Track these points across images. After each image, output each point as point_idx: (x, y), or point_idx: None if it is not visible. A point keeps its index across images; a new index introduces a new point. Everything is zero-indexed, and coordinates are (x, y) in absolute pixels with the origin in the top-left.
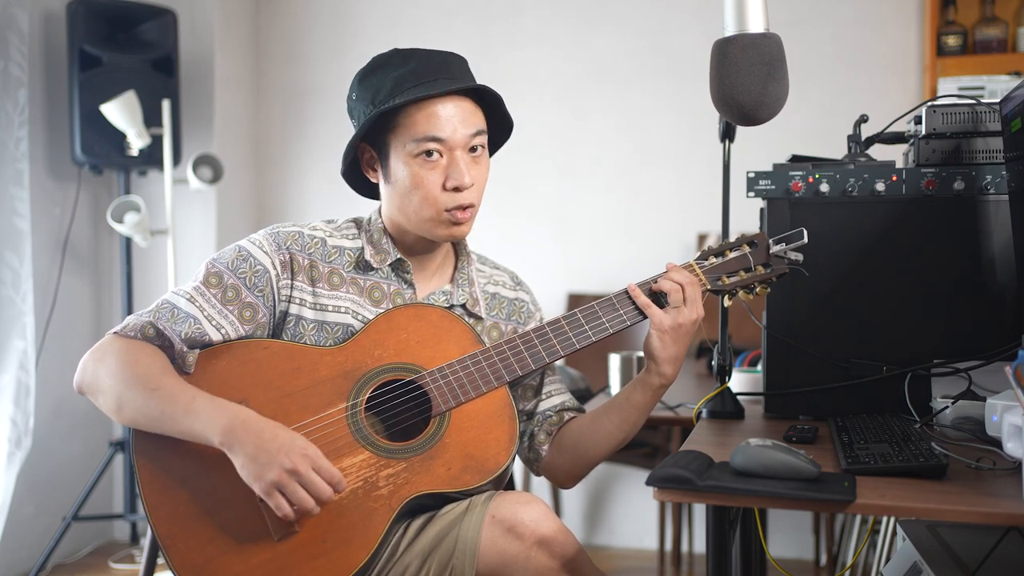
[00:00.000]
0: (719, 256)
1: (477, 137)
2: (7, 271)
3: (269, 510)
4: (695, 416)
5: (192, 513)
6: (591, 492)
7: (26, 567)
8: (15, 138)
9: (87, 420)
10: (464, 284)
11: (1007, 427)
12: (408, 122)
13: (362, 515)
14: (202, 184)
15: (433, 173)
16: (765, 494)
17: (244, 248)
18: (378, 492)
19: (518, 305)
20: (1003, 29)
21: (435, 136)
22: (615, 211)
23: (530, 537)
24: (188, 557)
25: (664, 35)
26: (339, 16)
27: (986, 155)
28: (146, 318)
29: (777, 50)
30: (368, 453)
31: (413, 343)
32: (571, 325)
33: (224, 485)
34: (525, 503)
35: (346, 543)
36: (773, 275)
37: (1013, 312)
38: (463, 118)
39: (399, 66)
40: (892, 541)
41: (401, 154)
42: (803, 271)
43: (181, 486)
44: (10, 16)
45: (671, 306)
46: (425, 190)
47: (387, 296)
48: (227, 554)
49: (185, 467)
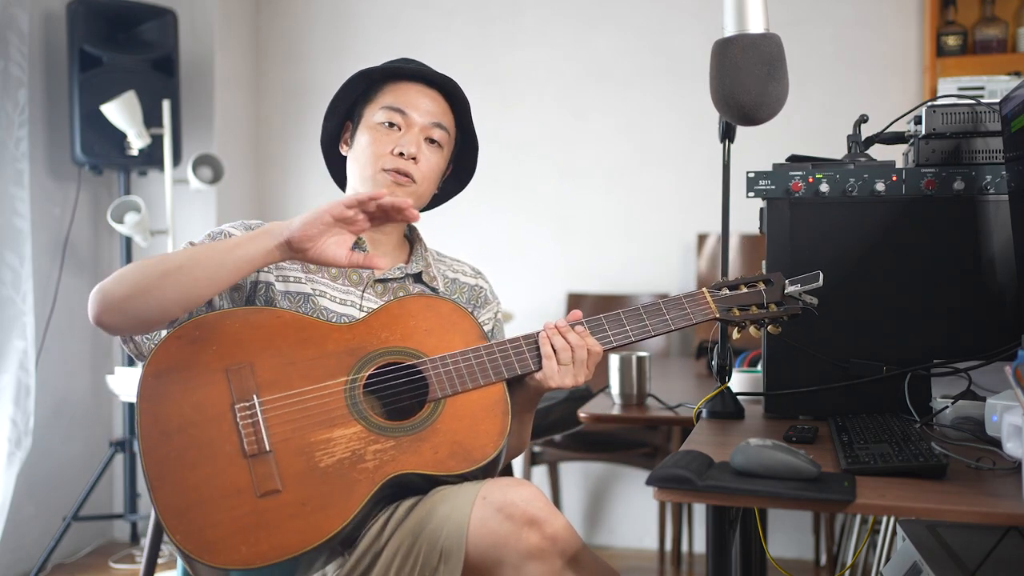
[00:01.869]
0: (733, 289)
1: (436, 130)
2: (7, 271)
3: (256, 466)
4: (695, 416)
5: (183, 460)
6: (591, 492)
7: (26, 567)
8: (15, 138)
9: (87, 420)
10: (419, 261)
11: (1007, 427)
12: (383, 95)
13: (345, 484)
14: (202, 184)
15: (387, 138)
16: (765, 494)
17: (213, 230)
18: (364, 465)
19: (477, 291)
20: (1003, 29)
21: (400, 108)
22: (615, 211)
23: (520, 517)
24: (172, 499)
25: (664, 35)
26: (339, 16)
27: (986, 155)
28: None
29: (777, 50)
30: (360, 427)
31: (421, 331)
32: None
33: (216, 440)
34: (516, 485)
35: (324, 508)
36: (785, 314)
37: (1013, 312)
38: (431, 108)
39: (397, 64)
40: (892, 541)
41: (369, 121)
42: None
43: (176, 434)
44: (10, 16)
45: (561, 363)
46: (373, 149)
47: (343, 272)
48: (209, 502)
49: (183, 417)
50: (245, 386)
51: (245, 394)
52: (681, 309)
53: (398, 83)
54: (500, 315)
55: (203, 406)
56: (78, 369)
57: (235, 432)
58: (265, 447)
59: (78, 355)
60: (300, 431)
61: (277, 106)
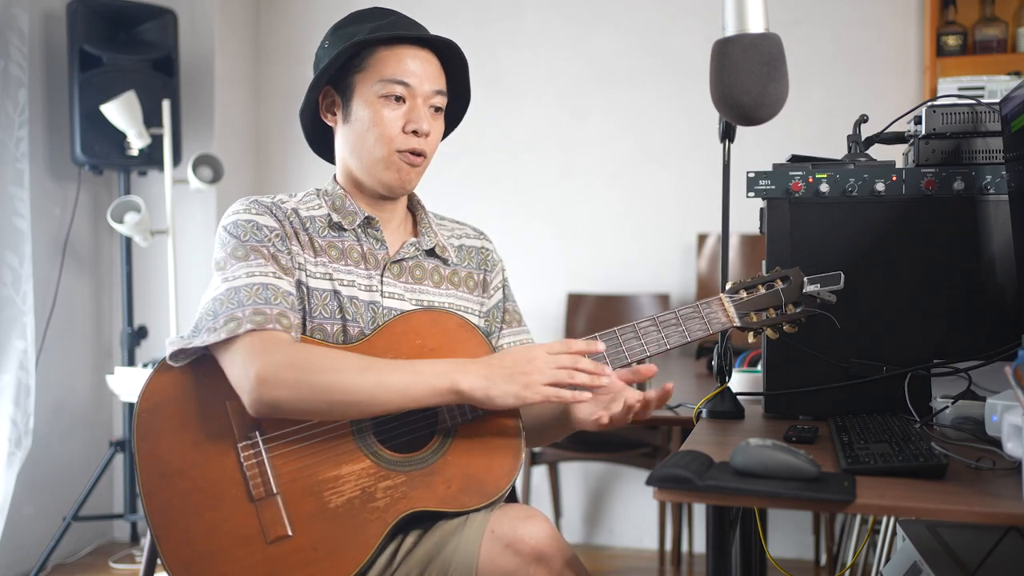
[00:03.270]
0: (750, 290)
1: (438, 97)
2: (7, 271)
3: (263, 511)
4: (695, 416)
5: (186, 506)
6: (591, 492)
7: (26, 567)
8: (15, 138)
9: (87, 420)
10: (427, 232)
11: (1007, 427)
12: (379, 64)
13: (356, 526)
14: (202, 184)
15: (395, 114)
16: (765, 494)
17: (239, 221)
18: (375, 504)
19: (484, 253)
20: (1003, 29)
21: (404, 81)
22: (615, 211)
23: (529, 554)
24: (179, 551)
25: (664, 35)
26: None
27: (986, 155)
28: (240, 316)
29: (777, 50)
30: (369, 462)
31: (427, 350)
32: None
33: (220, 483)
34: (525, 518)
35: (337, 553)
36: (803, 316)
37: (1013, 312)
38: (431, 74)
39: (377, 19)
40: (892, 541)
41: (366, 94)
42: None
43: (177, 476)
44: (10, 16)
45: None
46: (383, 128)
47: (363, 256)
48: (217, 552)
49: (184, 457)
50: (247, 420)
51: (248, 430)
52: (699, 319)
53: (392, 47)
54: (506, 274)
55: (204, 443)
56: (78, 369)
57: (239, 474)
58: (272, 489)
59: (78, 355)
60: (307, 469)
61: (277, 106)
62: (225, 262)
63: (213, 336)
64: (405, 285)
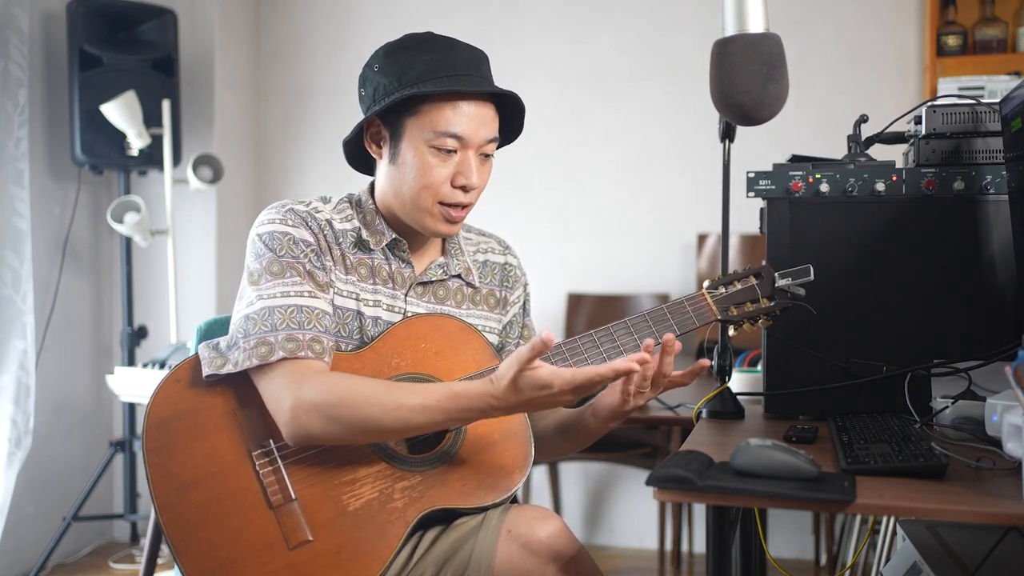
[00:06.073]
0: (728, 286)
1: (490, 144)
2: (7, 271)
3: (283, 517)
4: (695, 416)
5: (204, 516)
6: (591, 492)
7: (26, 567)
8: (15, 138)
9: (87, 420)
10: (457, 253)
11: (1007, 427)
12: (433, 112)
13: (376, 527)
14: (202, 184)
15: (444, 166)
16: (765, 494)
17: (275, 233)
18: (393, 504)
19: (508, 270)
20: (1003, 29)
21: (457, 134)
22: (615, 211)
23: (546, 554)
24: (200, 562)
25: (664, 35)
26: (339, 16)
27: (986, 155)
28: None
29: (777, 50)
30: (384, 464)
31: (431, 353)
32: (586, 346)
33: (237, 492)
34: (541, 519)
35: (360, 555)
36: (777, 308)
37: (1013, 312)
38: (485, 123)
39: (432, 51)
40: (892, 541)
41: (417, 139)
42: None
43: (192, 488)
44: (10, 16)
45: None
46: (431, 179)
47: (391, 276)
48: (240, 560)
49: (197, 469)
50: (258, 428)
51: (260, 438)
52: (684, 313)
53: (447, 98)
54: (528, 290)
55: (217, 454)
56: (78, 369)
57: (256, 482)
58: (291, 496)
59: (78, 355)
60: (323, 474)
61: (277, 106)
62: (260, 276)
63: (246, 363)
64: (428, 305)
